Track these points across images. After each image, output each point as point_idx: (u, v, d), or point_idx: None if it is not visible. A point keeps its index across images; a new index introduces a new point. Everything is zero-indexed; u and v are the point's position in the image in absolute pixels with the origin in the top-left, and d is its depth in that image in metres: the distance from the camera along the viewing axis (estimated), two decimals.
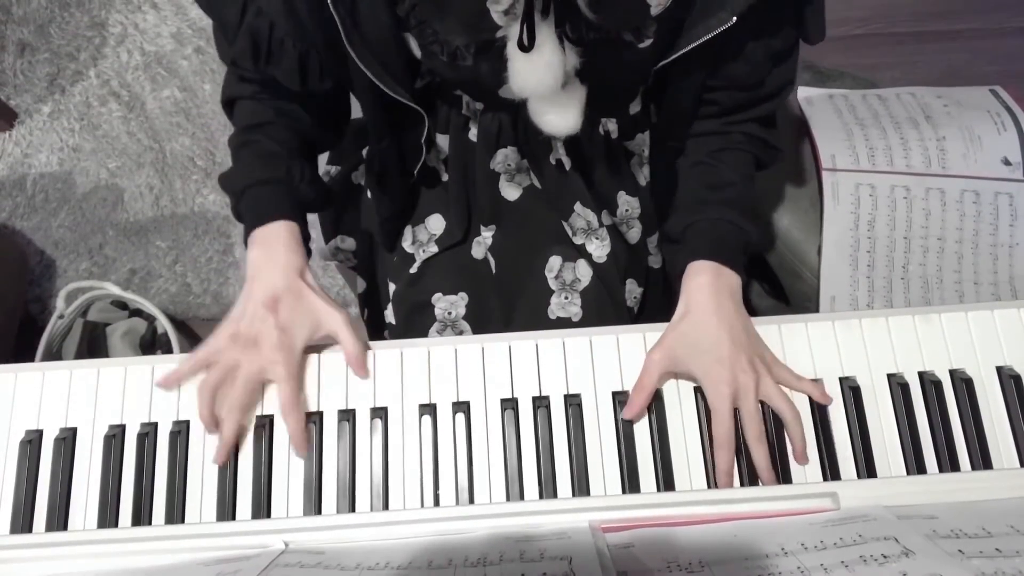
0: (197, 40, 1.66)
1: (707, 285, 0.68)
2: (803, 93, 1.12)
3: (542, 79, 0.65)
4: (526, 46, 0.62)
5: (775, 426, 0.65)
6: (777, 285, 1.06)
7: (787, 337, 0.68)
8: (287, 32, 0.67)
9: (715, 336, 0.65)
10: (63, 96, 1.64)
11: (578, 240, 0.86)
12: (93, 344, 1.31)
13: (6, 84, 1.64)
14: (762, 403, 0.65)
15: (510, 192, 0.86)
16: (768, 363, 0.66)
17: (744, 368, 0.64)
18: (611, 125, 0.80)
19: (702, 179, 0.76)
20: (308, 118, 0.78)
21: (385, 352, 0.68)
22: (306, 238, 0.73)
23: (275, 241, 0.69)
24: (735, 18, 0.63)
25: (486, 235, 0.88)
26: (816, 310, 0.98)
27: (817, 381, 0.66)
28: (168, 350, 1.30)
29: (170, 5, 1.69)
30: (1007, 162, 1.15)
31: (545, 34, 0.63)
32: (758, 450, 0.63)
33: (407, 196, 0.88)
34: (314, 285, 0.69)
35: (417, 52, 0.69)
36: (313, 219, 0.85)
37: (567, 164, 0.82)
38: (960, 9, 1.67)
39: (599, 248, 0.86)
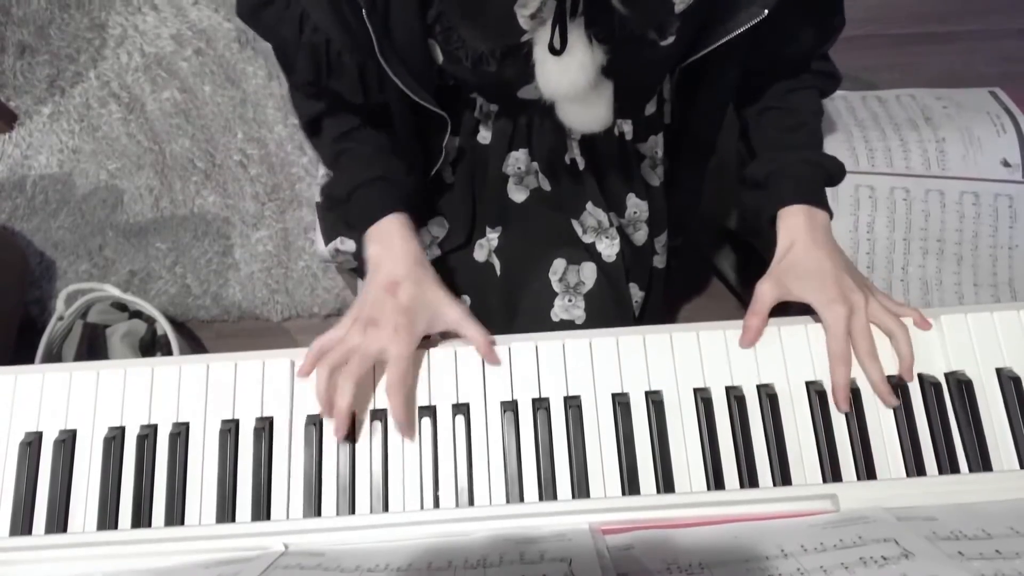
0: (197, 42, 1.66)
1: (804, 223, 0.72)
2: None
3: (575, 81, 0.65)
4: (558, 49, 0.62)
5: (775, 428, 0.65)
6: None
7: (787, 338, 0.68)
8: (343, 45, 0.67)
9: (822, 262, 0.69)
10: (63, 98, 1.64)
11: (588, 239, 0.86)
12: (93, 346, 1.31)
13: (6, 86, 1.65)
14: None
15: (517, 195, 0.86)
16: (870, 287, 0.69)
17: (853, 288, 0.67)
18: (626, 127, 0.81)
19: (776, 123, 0.79)
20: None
21: None
22: (417, 227, 0.74)
23: (391, 235, 0.71)
24: (766, 11, 0.63)
25: (492, 236, 0.88)
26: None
27: (914, 308, 0.69)
28: (168, 352, 1.30)
29: (170, 7, 1.69)
30: (1006, 164, 1.15)
31: (576, 36, 0.62)
32: (872, 366, 0.66)
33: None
34: (434, 275, 0.70)
35: (439, 58, 0.69)
36: (313, 220, 0.84)
37: (581, 164, 0.82)
38: (959, 11, 1.67)
39: (609, 247, 0.86)
